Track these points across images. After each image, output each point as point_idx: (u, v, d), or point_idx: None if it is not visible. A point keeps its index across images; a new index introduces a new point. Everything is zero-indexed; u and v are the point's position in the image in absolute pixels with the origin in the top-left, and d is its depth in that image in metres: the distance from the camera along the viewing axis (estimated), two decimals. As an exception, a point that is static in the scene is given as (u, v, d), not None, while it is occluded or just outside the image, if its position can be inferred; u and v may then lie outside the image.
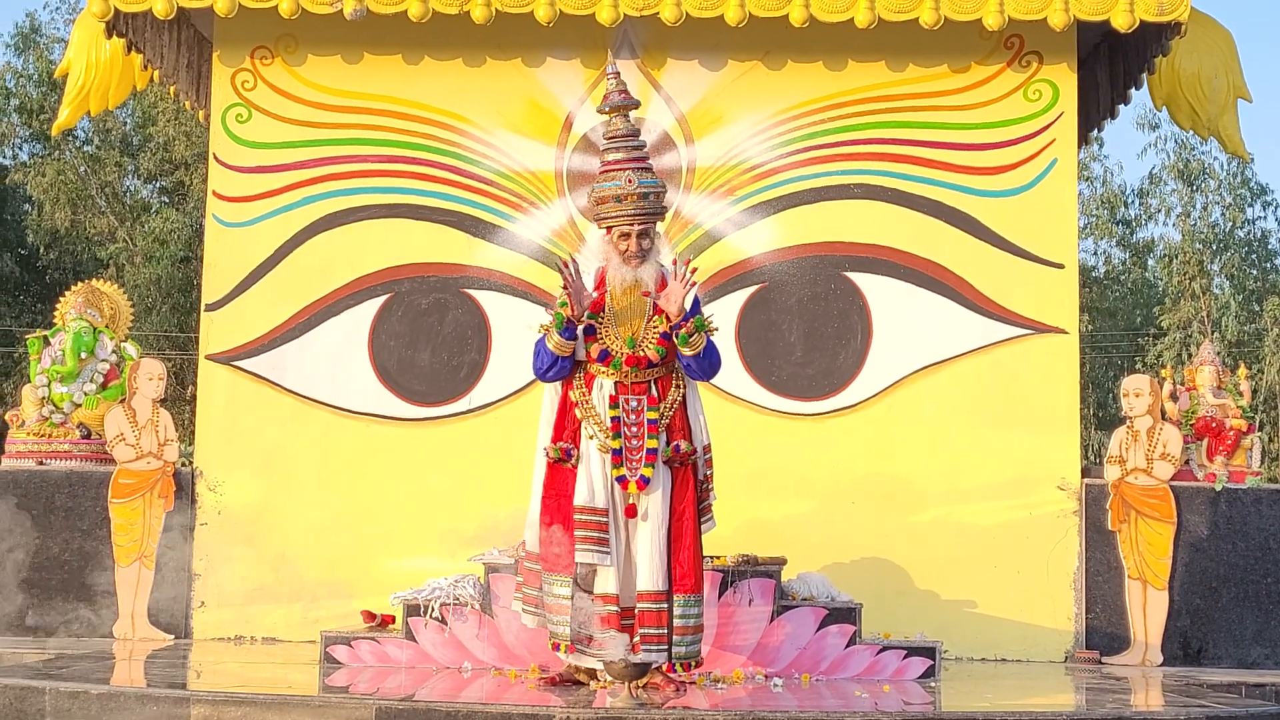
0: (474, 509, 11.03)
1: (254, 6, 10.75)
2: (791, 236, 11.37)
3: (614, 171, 8.13)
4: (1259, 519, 11.00)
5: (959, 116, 11.38)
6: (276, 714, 7.08)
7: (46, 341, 11.68)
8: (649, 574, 7.95)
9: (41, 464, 11.30)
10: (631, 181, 8.05)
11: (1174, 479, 11.01)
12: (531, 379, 11.05)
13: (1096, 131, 13.09)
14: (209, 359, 11.40)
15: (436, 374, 11.35)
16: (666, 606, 7.95)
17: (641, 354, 8.03)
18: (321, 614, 10.86)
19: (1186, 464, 11.18)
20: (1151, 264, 38.07)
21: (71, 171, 32.98)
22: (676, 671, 8.07)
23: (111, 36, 11.29)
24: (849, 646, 9.17)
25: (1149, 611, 10.88)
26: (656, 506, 8.00)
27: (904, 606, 10.68)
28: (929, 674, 9.22)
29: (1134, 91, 11.97)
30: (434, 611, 9.21)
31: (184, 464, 11.41)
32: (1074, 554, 11.05)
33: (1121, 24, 10.55)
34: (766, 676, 8.79)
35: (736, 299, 11.25)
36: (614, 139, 8.25)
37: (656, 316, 8.09)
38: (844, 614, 9.26)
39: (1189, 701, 8.18)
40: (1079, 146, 11.90)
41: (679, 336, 7.95)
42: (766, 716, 7.01)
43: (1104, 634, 10.93)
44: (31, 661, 9.26)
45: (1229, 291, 34.19)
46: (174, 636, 11.02)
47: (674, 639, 7.97)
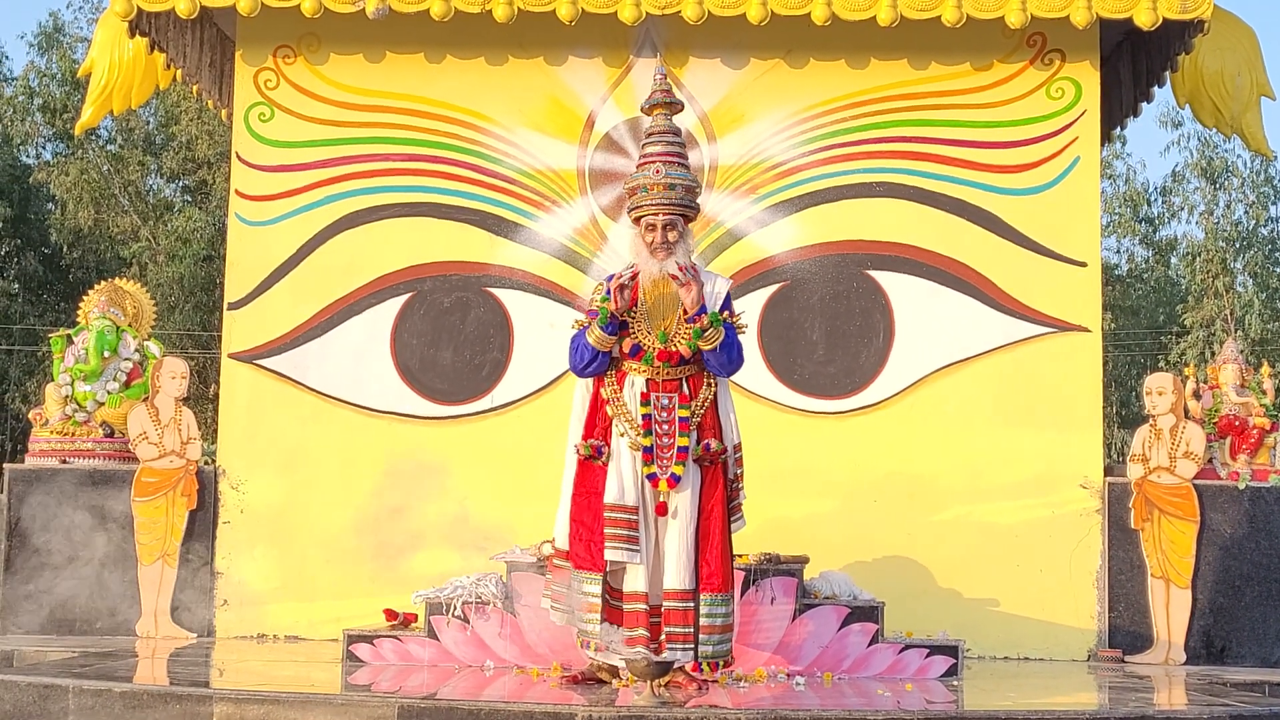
0: (496, 507, 11.06)
1: (276, 5, 10.77)
2: (813, 235, 11.36)
3: (646, 163, 8.16)
4: (1283, 517, 10.99)
5: (981, 114, 11.37)
6: (299, 712, 7.09)
7: (70, 340, 11.70)
8: (676, 572, 7.94)
9: (65, 462, 11.32)
10: (659, 172, 8.06)
11: (1197, 477, 10.99)
12: (553, 378, 11.16)
13: (1119, 129, 13.07)
14: (231, 358, 11.42)
15: (459, 372, 11.36)
16: (693, 605, 7.93)
17: (673, 349, 8.02)
18: (344, 612, 10.86)
19: (1209, 462, 11.15)
20: (1174, 262, 37.96)
21: (94, 170, 33.06)
22: (703, 671, 8.06)
23: (134, 36, 11.32)
24: (871, 645, 9.16)
25: (1172, 610, 10.86)
26: (686, 505, 7.98)
27: (926, 605, 10.67)
28: (951, 673, 9.21)
29: (1157, 89, 11.95)
30: (456, 610, 9.21)
31: (207, 462, 11.43)
32: (1096, 553, 11.02)
33: (1144, 21, 10.53)
34: (789, 675, 8.78)
35: (759, 297, 11.24)
36: (652, 135, 8.26)
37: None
38: (866, 612, 9.25)
39: (1212, 700, 8.16)
40: (1102, 144, 11.87)
41: (694, 330, 7.95)
42: (789, 715, 7.00)
43: (1127, 633, 10.91)
44: (55, 659, 9.29)
45: (1252, 289, 34.08)
46: (196, 635, 11.04)
47: (700, 638, 7.94)
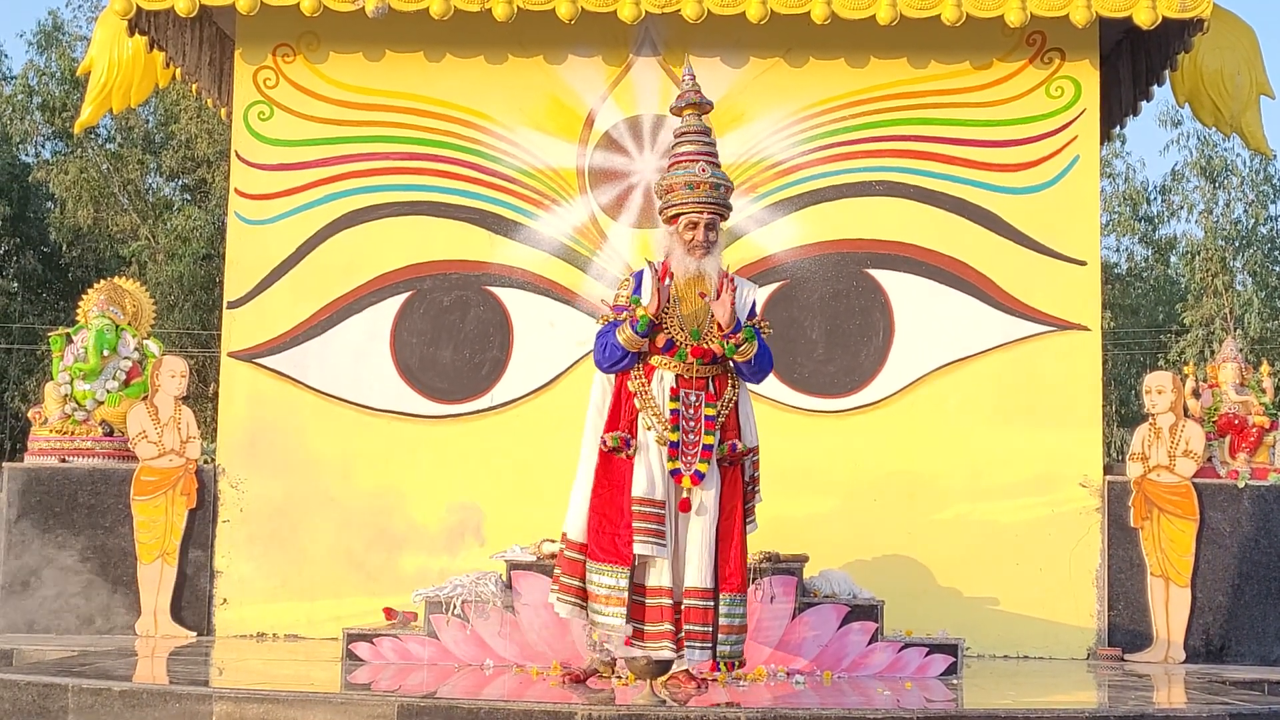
0: (496, 506, 11.07)
1: (276, 4, 10.77)
2: (813, 233, 11.37)
3: (687, 161, 8.09)
4: (1282, 516, 10.99)
5: (981, 113, 11.37)
6: (299, 711, 7.08)
7: (69, 339, 11.70)
8: (697, 570, 7.88)
9: (64, 461, 11.32)
10: (705, 170, 8.03)
11: (1196, 476, 10.99)
12: (553, 376, 11.19)
13: (1119, 128, 13.07)
14: (231, 356, 11.42)
15: (458, 371, 11.36)
16: (713, 605, 7.90)
17: (706, 346, 7.98)
18: (343, 611, 10.88)
19: (1209, 461, 11.16)
20: (1174, 261, 37.93)
21: (94, 169, 33.05)
22: (720, 670, 8.04)
23: (134, 34, 11.32)
24: (871, 644, 9.16)
25: (1171, 609, 10.86)
26: (709, 503, 7.94)
27: (926, 604, 10.67)
28: (951, 671, 9.21)
29: (1156, 88, 11.95)
30: (456, 608, 9.20)
31: (206, 461, 11.42)
32: (1096, 551, 11.02)
33: (1144, 20, 10.53)
34: (789, 673, 8.78)
35: (758, 296, 11.22)
36: (686, 133, 8.21)
37: None
38: (866, 611, 9.25)
39: (1212, 699, 8.16)
40: (1101, 143, 11.87)
41: (727, 346, 7.93)
42: (788, 714, 7.00)
43: (1126, 631, 10.91)
44: (54, 658, 9.28)
45: (1251, 288, 34.05)
46: (196, 634, 11.04)
47: (719, 637, 7.90)
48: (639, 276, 8.08)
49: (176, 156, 33.29)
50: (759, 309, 8.33)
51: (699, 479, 7.89)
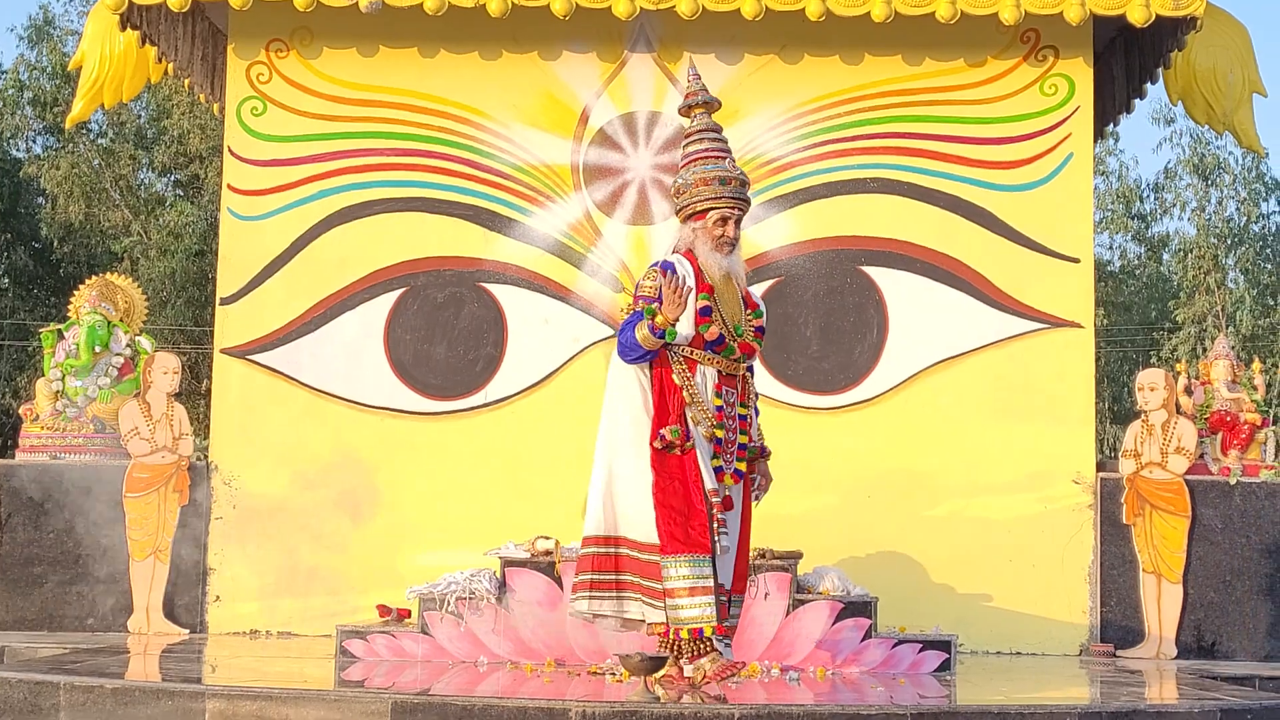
0: (490, 503, 11.06)
1: None
2: (807, 230, 11.37)
3: (712, 157, 7.94)
4: (1273, 513, 11.00)
5: (975, 111, 11.38)
6: (292, 708, 7.07)
7: (60, 335, 11.69)
8: (724, 569, 7.75)
9: (55, 458, 11.31)
10: (734, 166, 7.95)
11: (1188, 473, 11.01)
12: (547, 373, 11.23)
13: (1112, 126, 13.07)
14: (224, 353, 11.41)
15: (452, 368, 11.35)
16: (727, 604, 7.81)
17: (750, 342, 7.91)
18: (337, 608, 10.88)
19: (1201, 458, 11.18)
20: (1166, 258, 37.95)
21: (85, 165, 32.96)
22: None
23: (126, 29, 11.31)
24: (865, 640, 9.16)
25: (1163, 605, 10.88)
26: (737, 502, 7.87)
27: (919, 600, 10.68)
28: (944, 667, 9.22)
29: (1150, 86, 11.96)
30: (450, 605, 9.20)
31: (199, 458, 11.42)
32: (1089, 548, 11.04)
33: (1137, 18, 10.54)
34: (782, 670, 8.78)
35: (752, 293, 11.22)
36: (702, 131, 8.03)
37: (750, 310, 7.99)
38: (860, 608, 9.26)
39: (1203, 695, 8.16)
40: (1095, 141, 11.89)
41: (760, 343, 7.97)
42: (782, 710, 7.00)
43: (1119, 627, 10.93)
44: (46, 656, 9.28)
45: (1244, 286, 34.07)
46: (189, 631, 11.03)
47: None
48: (668, 267, 7.74)
49: (169, 152, 33.20)
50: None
51: (739, 478, 7.85)
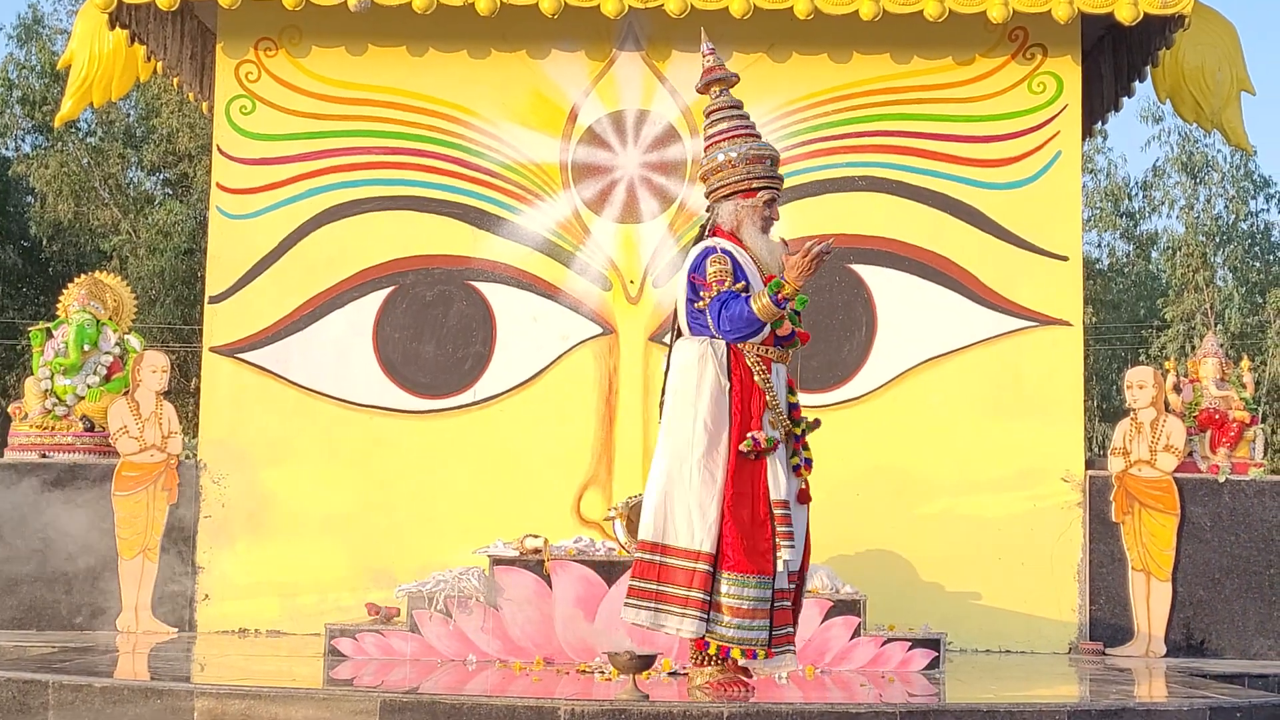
0: (479, 501, 11.05)
1: (258, -2, 10.77)
2: (796, 228, 11.31)
3: (750, 134, 7.63)
4: (1262, 511, 11.01)
5: (963, 109, 11.38)
6: (281, 707, 7.06)
7: (49, 334, 11.68)
8: (795, 562, 7.39)
9: (44, 456, 11.29)
10: (769, 145, 7.68)
11: (1177, 471, 11.03)
12: (536, 371, 11.21)
13: (1100, 124, 13.09)
14: (213, 351, 11.40)
15: (441, 366, 11.34)
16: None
17: (806, 331, 7.67)
18: (326, 607, 10.87)
19: (1190, 456, 11.19)
20: (1155, 256, 37.97)
21: (74, 163, 32.90)
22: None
23: (115, 28, 11.30)
24: (854, 638, 9.18)
25: (1152, 603, 10.89)
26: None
27: (909, 599, 10.68)
28: (933, 666, 9.22)
29: (1138, 84, 11.96)
30: (439, 604, 9.20)
31: (188, 457, 11.41)
32: (1078, 546, 11.05)
33: (1125, 17, 10.55)
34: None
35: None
36: (730, 107, 7.74)
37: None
38: (849, 606, 9.26)
39: (1192, 693, 8.17)
40: (1083, 139, 11.90)
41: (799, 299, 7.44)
42: (771, 708, 7.00)
43: (1107, 625, 10.94)
44: (35, 654, 9.25)
45: (1232, 284, 34.12)
46: (177, 630, 11.02)
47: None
48: (726, 253, 7.42)
49: (158, 150, 33.15)
50: None
51: (809, 467, 7.52)
